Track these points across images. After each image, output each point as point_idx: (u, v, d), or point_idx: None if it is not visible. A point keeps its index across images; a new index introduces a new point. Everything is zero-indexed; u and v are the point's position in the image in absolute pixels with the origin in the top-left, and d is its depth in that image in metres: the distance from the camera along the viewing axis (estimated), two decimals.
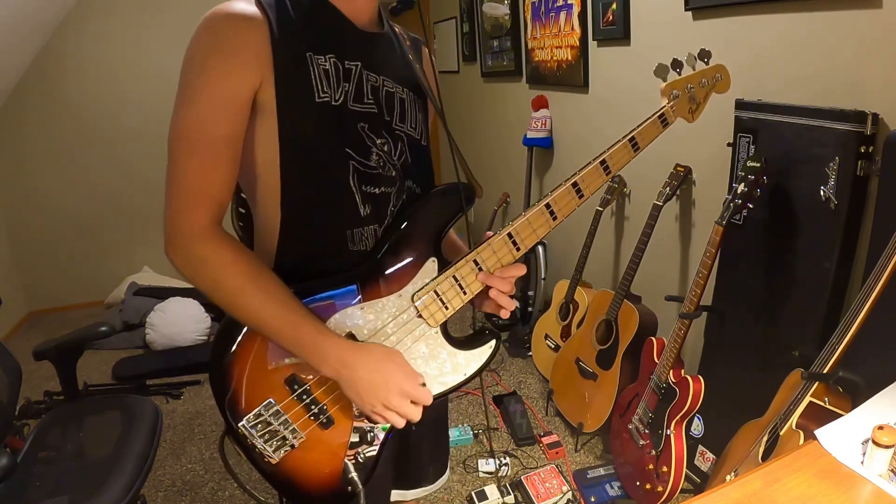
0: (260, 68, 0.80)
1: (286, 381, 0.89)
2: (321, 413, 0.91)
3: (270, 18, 0.81)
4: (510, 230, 0.91)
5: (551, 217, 0.92)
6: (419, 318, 0.91)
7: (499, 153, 3.76)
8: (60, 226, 4.00)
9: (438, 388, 0.94)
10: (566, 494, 2.01)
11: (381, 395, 0.85)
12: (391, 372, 0.86)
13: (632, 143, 0.94)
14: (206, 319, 3.46)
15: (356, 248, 0.91)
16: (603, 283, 2.79)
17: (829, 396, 1.18)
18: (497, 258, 0.92)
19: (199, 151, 0.80)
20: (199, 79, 0.79)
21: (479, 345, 0.96)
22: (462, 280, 0.91)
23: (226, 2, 0.81)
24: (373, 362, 0.85)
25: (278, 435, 0.90)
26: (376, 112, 0.91)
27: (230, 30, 0.79)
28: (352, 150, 0.88)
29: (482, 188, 0.99)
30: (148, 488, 2.20)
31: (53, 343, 1.87)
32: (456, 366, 0.95)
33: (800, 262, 1.59)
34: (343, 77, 0.87)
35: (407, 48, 1.00)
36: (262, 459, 0.91)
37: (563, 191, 0.91)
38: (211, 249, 0.82)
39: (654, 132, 0.96)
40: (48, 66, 3.73)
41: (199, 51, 0.79)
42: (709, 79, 1.02)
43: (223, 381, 0.89)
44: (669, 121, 0.98)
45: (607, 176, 0.93)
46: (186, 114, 0.80)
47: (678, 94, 0.99)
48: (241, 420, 0.89)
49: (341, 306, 0.89)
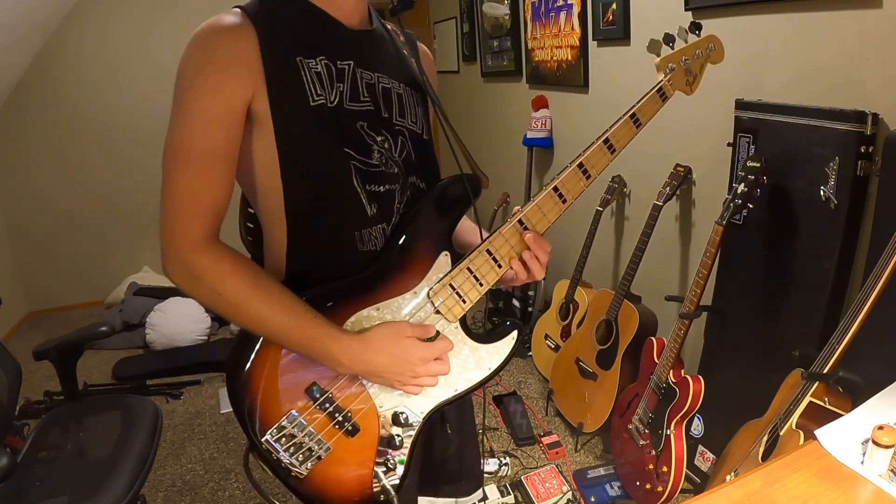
0: (251, 79, 0.80)
1: (307, 391, 0.87)
2: (346, 421, 0.89)
3: (258, 29, 0.81)
4: (520, 217, 0.90)
5: (560, 200, 0.91)
6: (437, 314, 0.90)
7: (499, 153, 3.76)
8: (61, 226, 4.00)
9: (464, 385, 0.93)
10: (566, 494, 2.01)
11: (405, 372, 0.86)
12: (403, 346, 0.86)
13: (633, 119, 0.94)
14: (207, 319, 3.47)
15: (366, 248, 0.91)
16: (603, 283, 2.79)
17: (829, 396, 1.18)
18: (510, 246, 0.91)
19: (192, 165, 0.80)
20: (190, 93, 0.79)
21: (501, 337, 0.95)
22: (477, 271, 0.90)
23: (213, 17, 0.82)
24: (384, 346, 0.85)
25: (304, 447, 0.87)
26: (373, 109, 0.91)
27: (219, 44, 0.79)
28: (352, 149, 0.87)
29: (487, 178, 0.98)
30: (148, 488, 2.20)
31: (53, 343, 1.87)
32: (479, 360, 0.93)
33: (800, 262, 1.59)
34: (337, 77, 0.87)
35: (401, 44, 0.99)
36: (289, 475, 0.88)
37: (570, 172, 0.91)
38: (209, 262, 0.82)
39: (653, 107, 0.96)
40: (49, 64, 3.73)
41: (190, 66, 0.80)
42: (702, 49, 1.02)
43: (242, 396, 0.86)
44: (668, 94, 0.98)
45: (612, 154, 0.93)
46: (180, 129, 0.80)
47: (674, 68, 0.99)
48: (265, 434, 0.86)
49: (356, 309, 0.88)
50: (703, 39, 1.02)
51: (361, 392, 0.89)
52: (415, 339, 0.87)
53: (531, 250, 0.91)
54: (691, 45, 1.01)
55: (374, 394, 0.90)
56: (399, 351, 0.85)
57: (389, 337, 0.86)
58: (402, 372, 0.86)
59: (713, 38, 1.03)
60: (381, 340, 0.85)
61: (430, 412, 0.93)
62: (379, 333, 0.86)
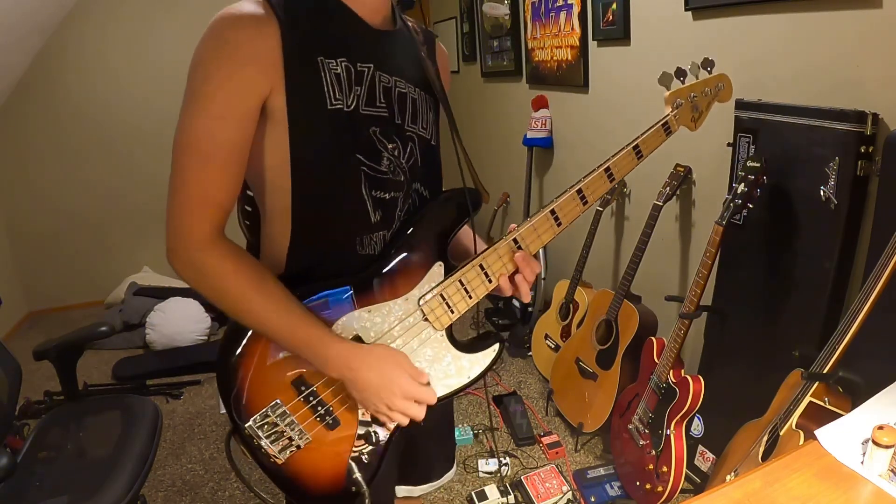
0: (270, 76, 0.78)
1: (293, 383, 0.89)
2: (327, 414, 0.91)
3: (281, 21, 0.78)
4: (515, 236, 0.92)
5: (556, 223, 0.93)
6: (425, 321, 0.92)
7: (499, 153, 3.76)
8: (61, 226, 4.00)
9: (443, 391, 0.95)
10: (566, 494, 2.01)
11: (385, 398, 0.86)
12: (395, 374, 0.86)
13: (636, 150, 0.95)
14: (206, 319, 3.47)
15: (365, 252, 0.92)
16: (603, 282, 2.79)
17: (829, 396, 1.18)
18: (502, 263, 0.92)
19: (204, 159, 0.79)
20: (206, 86, 0.77)
21: (483, 348, 0.97)
22: (468, 284, 0.92)
23: (234, 3, 0.79)
24: (376, 364, 0.86)
25: (284, 435, 0.90)
26: (387, 115, 0.90)
27: (240, 36, 0.76)
28: (363, 156, 0.87)
29: (489, 194, 0.99)
30: (148, 488, 2.20)
31: (53, 343, 1.87)
32: (460, 368, 0.95)
33: (800, 262, 1.59)
34: (355, 80, 0.85)
35: (419, 43, 0.98)
36: (267, 459, 0.91)
37: (568, 197, 0.92)
38: (214, 258, 0.82)
39: (657, 140, 0.98)
40: (49, 65, 3.73)
41: (207, 57, 0.77)
42: (711, 88, 1.04)
43: (230, 382, 0.89)
44: (673, 129, 0.99)
45: (611, 183, 0.95)
46: (193, 121, 0.78)
47: (681, 103, 1.00)
48: (248, 420, 0.89)
49: (348, 309, 0.90)
50: (714, 78, 1.04)
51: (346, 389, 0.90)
52: (407, 374, 0.88)
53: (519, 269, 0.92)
54: (701, 82, 1.03)
55: None
56: (390, 373, 0.86)
57: (386, 359, 0.87)
58: (381, 396, 0.86)
59: (723, 77, 1.05)
60: (376, 358, 0.86)
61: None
62: (376, 352, 0.87)
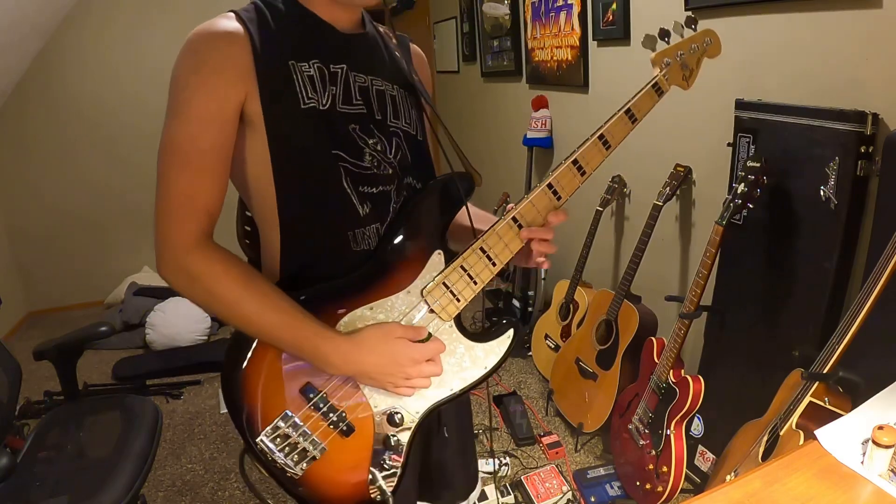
0: (244, 83, 0.81)
1: (301, 391, 0.87)
2: (340, 420, 0.88)
3: (251, 32, 0.82)
4: (514, 214, 0.90)
5: (555, 197, 0.91)
6: (431, 313, 0.90)
7: (499, 153, 3.75)
8: (60, 226, 4.00)
9: (460, 385, 0.92)
10: (566, 494, 2.01)
11: (396, 374, 0.86)
12: (394, 347, 0.86)
13: (628, 114, 0.93)
14: (206, 319, 3.46)
15: (359, 248, 0.91)
16: (603, 283, 2.79)
17: (829, 396, 1.18)
18: (504, 243, 0.90)
19: (186, 165, 0.81)
20: (184, 94, 0.80)
21: (497, 335, 0.94)
22: (471, 269, 0.90)
23: (207, 21, 0.83)
24: (374, 347, 0.85)
25: (299, 447, 0.87)
26: (366, 112, 0.91)
27: (213, 48, 0.81)
28: (342, 151, 0.88)
29: (481, 176, 0.98)
30: (148, 488, 2.20)
31: (53, 343, 1.87)
32: (475, 359, 0.92)
33: (800, 262, 1.59)
34: (329, 81, 0.87)
35: (394, 46, 1.00)
36: (284, 475, 0.88)
37: (565, 169, 0.90)
38: (202, 261, 0.82)
39: (649, 102, 0.95)
40: (49, 65, 3.72)
41: (184, 69, 0.81)
42: (699, 44, 1.02)
43: (237, 396, 0.86)
44: (664, 89, 0.97)
45: (607, 150, 0.92)
46: (174, 128, 0.81)
47: (669, 62, 0.99)
48: (259, 435, 0.86)
49: (349, 309, 0.88)
50: (700, 34, 1.01)
51: (356, 392, 0.89)
52: (406, 339, 0.87)
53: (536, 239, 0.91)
54: (687, 39, 1.01)
55: (369, 394, 0.90)
56: (389, 352, 0.85)
57: (379, 338, 0.86)
58: (392, 373, 0.86)
59: (710, 31, 1.03)
60: (371, 341, 0.85)
61: (425, 412, 0.92)
62: (369, 334, 0.86)
